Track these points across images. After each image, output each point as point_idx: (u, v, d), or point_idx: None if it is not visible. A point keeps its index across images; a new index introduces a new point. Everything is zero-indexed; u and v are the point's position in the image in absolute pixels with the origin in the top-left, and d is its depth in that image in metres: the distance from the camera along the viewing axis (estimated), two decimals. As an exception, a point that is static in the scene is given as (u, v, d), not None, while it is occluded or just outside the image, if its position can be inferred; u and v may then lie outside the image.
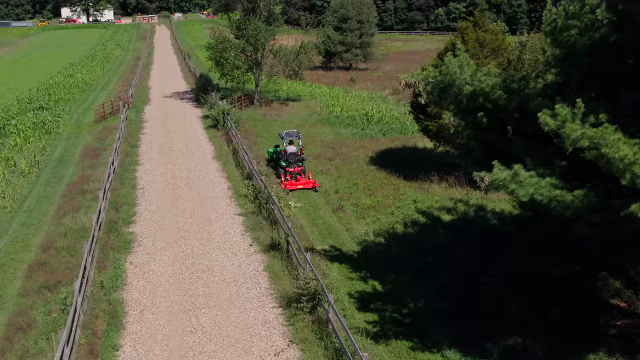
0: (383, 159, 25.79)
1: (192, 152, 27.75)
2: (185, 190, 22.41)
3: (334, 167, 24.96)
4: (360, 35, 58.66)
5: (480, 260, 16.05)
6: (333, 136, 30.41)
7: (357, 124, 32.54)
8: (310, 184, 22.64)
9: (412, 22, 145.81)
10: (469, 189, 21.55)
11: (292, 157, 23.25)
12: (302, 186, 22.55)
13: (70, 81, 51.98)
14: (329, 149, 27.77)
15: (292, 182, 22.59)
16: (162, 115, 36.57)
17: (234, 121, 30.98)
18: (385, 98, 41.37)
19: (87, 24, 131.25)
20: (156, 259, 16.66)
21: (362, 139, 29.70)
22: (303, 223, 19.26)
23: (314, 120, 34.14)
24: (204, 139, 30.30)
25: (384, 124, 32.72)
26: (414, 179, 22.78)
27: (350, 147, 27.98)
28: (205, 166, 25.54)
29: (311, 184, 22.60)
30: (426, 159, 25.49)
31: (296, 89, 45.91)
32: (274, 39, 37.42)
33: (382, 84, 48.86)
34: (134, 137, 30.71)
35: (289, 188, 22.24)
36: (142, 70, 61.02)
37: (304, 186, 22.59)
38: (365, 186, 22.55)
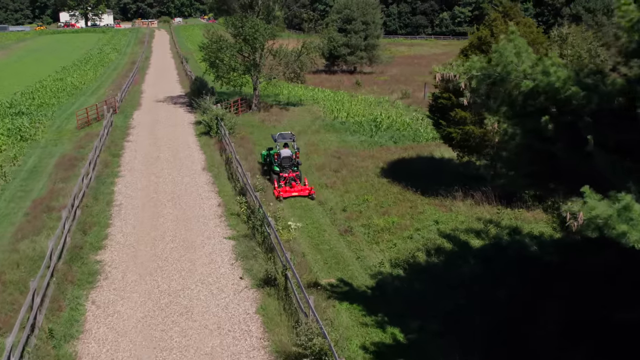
0: (396, 171, 22.70)
1: (181, 162, 24.69)
2: (168, 208, 19.32)
3: (340, 180, 21.87)
4: (366, 37, 55.70)
5: (523, 301, 12.93)
6: (338, 144, 27.33)
7: (365, 131, 29.47)
8: (306, 191, 20.32)
9: (416, 27, 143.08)
10: (499, 206, 18.44)
11: (286, 162, 21.00)
12: (297, 193, 20.30)
13: (58, 85, 49.09)
14: (334, 159, 24.68)
15: (286, 189, 20.34)
16: (151, 121, 33.57)
17: (228, 127, 27.96)
18: (394, 103, 38.30)
19: (86, 28, 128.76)
20: (125, 297, 13.54)
21: (371, 147, 26.61)
22: (305, 249, 16.14)
23: (317, 127, 31.10)
24: (195, 147, 27.25)
25: (395, 130, 29.64)
26: (434, 195, 19.67)
27: (358, 156, 24.89)
28: (194, 178, 22.46)
29: (307, 191, 20.28)
30: (445, 171, 22.38)
31: (297, 93, 42.89)
32: (273, 40, 34.43)
33: (389, 87, 45.82)
34: (117, 145, 27.66)
35: (282, 195, 20.05)
36: (136, 74, 58.22)
37: (299, 193, 20.30)
38: (377, 203, 19.44)
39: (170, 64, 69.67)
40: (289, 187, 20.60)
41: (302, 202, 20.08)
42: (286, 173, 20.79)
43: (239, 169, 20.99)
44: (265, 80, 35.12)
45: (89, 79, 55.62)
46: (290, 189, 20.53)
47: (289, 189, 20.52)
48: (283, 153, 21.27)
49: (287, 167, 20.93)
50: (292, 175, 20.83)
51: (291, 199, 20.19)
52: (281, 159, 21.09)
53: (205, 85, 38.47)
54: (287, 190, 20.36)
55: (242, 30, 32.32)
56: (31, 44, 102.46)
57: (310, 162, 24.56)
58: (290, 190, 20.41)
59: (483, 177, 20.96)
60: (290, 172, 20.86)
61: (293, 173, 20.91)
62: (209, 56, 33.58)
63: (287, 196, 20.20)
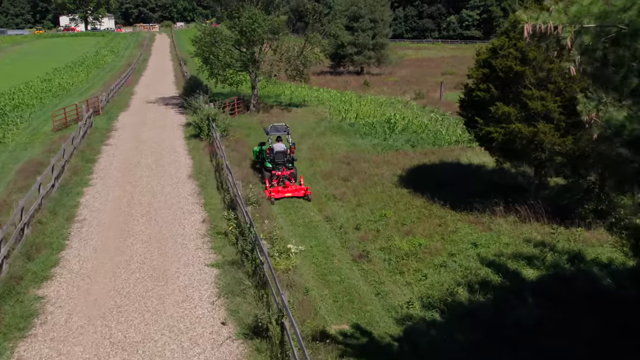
0: (417, 179, 19.06)
1: (163, 169, 21.12)
2: (141, 224, 15.73)
3: (351, 191, 18.23)
4: (374, 35, 52.19)
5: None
6: (347, 148, 23.71)
7: (378, 133, 25.84)
8: (301, 191, 17.98)
9: (422, 31, 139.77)
10: (552, 225, 14.75)
11: (280, 157, 18.75)
12: (290, 194, 17.96)
13: (44, 86, 45.77)
14: (343, 165, 21.07)
15: (278, 189, 18.04)
16: (137, 123, 30.07)
17: (221, 129, 24.43)
18: (407, 103, 34.70)
19: (85, 32, 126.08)
20: (63, 352, 9.92)
21: (385, 151, 22.97)
22: (309, 281, 12.49)
23: (322, 129, 27.51)
24: (182, 151, 23.68)
25: (412, 133, 26.01)
26: (467, 209, 16.03)
27: (371, 162, 21.26)
28: (177, 188, 18.87)
29: (302, 191, 17.95)
30: (477, 179, 18.73)
31: (301, 94, 39.36)
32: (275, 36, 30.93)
33: (400, 88, 42.24)
34: (93, 149, 24.11)
35: (274, 196, 17.73)
36: (130, 76, 55.11)
37: (294, 194, 17.96)
38: (397, 220, 15.79)
39: (168, 66, 66.65)
40: (282, 187, 18.14)
41: (303, 215, 16.45)
42: (279, 170, 18.45)
43: (229, 178, 17.37)
44: (264, 78, 31.57)
45: (79, 81, 52.41)
46: (284, 188, 18.08)
47: (282, 189, 18.06)
48: (276, 148, 18.82)
49: (280, 164, 18.61)
50: (285, 173, 18.40)
51: (285, 202, 16.87)
52: (274, 154, 18.70)
53: (199, 84, 35.03)
54: (280, 191, 17.93)
55: (238, 21, 28.82)
56: (27, 47, 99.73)
57: (315, 169, 20.96)
58: (283, 191, 17.95)
59: (524, 188, 17.35)
60: (284, 169, 18.51)
61: (287, 170, 18.50)
62: (202, 51, 30.08)
63: (279, 197, 17.74)
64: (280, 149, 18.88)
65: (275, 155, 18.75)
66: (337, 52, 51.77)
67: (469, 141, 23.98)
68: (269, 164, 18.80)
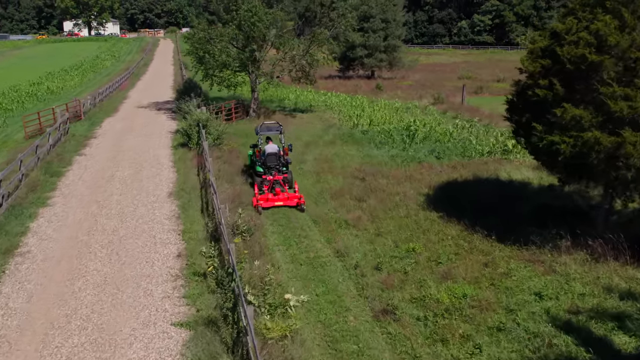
0: (448, 200, 15.40)
1: (141, 184, 17.60)
2: (99, 260, 12.19)
3: (367, 215, 14.60)
4: (385, 37, 48.67)
5: None
6: (361, 160, 20.08)
7: (396, 142, 22.20)
8: (293, 200, 15.55)
9: (433, 36, 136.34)
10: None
11: (272, 160, 16.35)
12: (282, 203, 15.56)
13: (31, 90, 42.62)
14: (356, 182, 17.45)
15: (268, 197, 15.58)
16: (122, 129, 26.66)
17: (213, 137, 20.98)
18: (425, 108, 31.06)
19: (88, 37, 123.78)
20: None
21: (406, 164, 19.33)
22: (315, 356, 8.83)
23: (331, 137, 23.93)
24: (166, 163, 20.17)
25: (434, 142, 22.35)
26: (518, 241, 12.36)
27: (391, 178, 17.61)
28: (152, 209, 15.32)
29: (296, 200, 15.52)
30: (525, 200, 15.03)
31: (307, 98, 35.85)
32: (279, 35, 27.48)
33: (416, 92, 38.64)
34: (63, 159, 20.65)
35: (262, 205, 15.33)
36: (126, 80, 52.20)
37: (285, 203, 15.55)
38: (429, 256, 12.15)
39: (168, 71, 63.68)
40: (273, 195, 15.72)
41: (308, 247, 12.83)
42: (271, 175, 16.08)
43: (215, 200, 13.77)
44: (265, 80, 28.06)
45: (72, 84, 49.34)
46: (274, 196, 15.64)
47: (272, 196, 15.64)
48: (268, 149, 16.49)
49: (273, 168, 16.23)
50: (278, 178, 16.04)
51: (285, 230, 13.45)
52: (265, 156, 16.32)
53: (194, 87, 31.65)
54: (270, 199, 15.54)
55: (236, 14, 25.37)
56: (27, 51, 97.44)
57: (322, 185, 17.36)
58: (273, 199, 15.56)
59: (584, 212, 13.71)
60: (275, 173, 16.15)
61: (280, 175, 16.14)
62: (195, 49, 26.64)
63: (268, 206, 15.41)
64: (272, 150, 16.38)
65: (267, 158, 16.23)
66: (347, 55, 48.26)
67: (504, 152, 20.36)
68: (260, 167, 16.33)
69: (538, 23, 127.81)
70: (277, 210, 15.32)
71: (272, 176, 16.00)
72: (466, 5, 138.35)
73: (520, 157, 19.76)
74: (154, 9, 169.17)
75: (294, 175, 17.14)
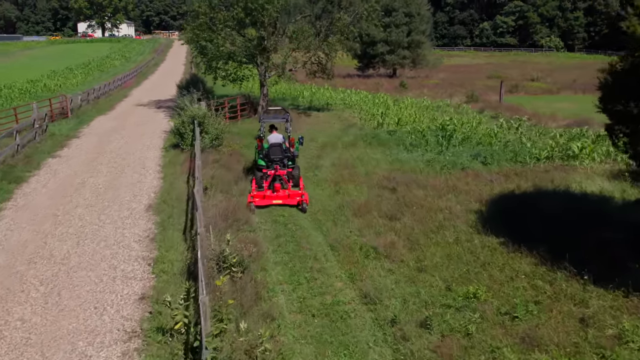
0: (507, 218, 11.63)
1: (116, 194, 14.10)
2: (29, 305, 8.68)
3: (403, 240, 10.87)
4: (409, 32, 44.89)
5: None
6: (389, 166, 16.33)
7: (430, 145, 18.41)
8: (295, 197, 13.21)
9: (453, 38, 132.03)
10: None
11: (276, 152, 13.99)
12: (281, 201, 13.28)
13: (26, 87, 39.70)
14: (385, 193, 13.72)
15: (265, 194, 13.32)
16: (112, 128, 23.31)
17: (211, 137, 17.48)
18: (458, 107, 27.22)
19: (101, 38, 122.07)
20: None
21: (446, 171, 15.54)
22: None
23: (351, 138, 20.23)
24: (153, 167, 16.67)
25: (476, 144, 18.56)
26: (624, 284, 8.55)
27: (429, 188, 13.85)
28: (122, 229, 11.79)
29: (297, 198, 13.18)
30: (611, 220, 11.18)
31: (323, 95, 32.25)
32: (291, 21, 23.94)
33: (445, 90, 34.79)
34: (31, 162, 17.24)
35: (255, 203, 13.11)
36: (131, 79, 49.47)
37: (285, 201, 13.27)
38: (499, 307, 8.38)
39: (179, 71, 60.69)
40: (271, 191, 13.35)
41: (322, 286, 9.15)
42: (273, 169, 13.57)
43: (199, 218, 10.12)
44: (276, 74, 24.47)
45: (74, 83, 46.49)
46: (273, 194, 13.29)
47: (271, 193, 13.29)
48: (271, 139, 14.19)
49: (277, 161, 13.75)
50: (280, 174, 13.58)
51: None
52: (269, 148, 14.01)
53: (198, 82, 28.28)
54: (268, 197, 13.25)
55: (242, -4, 21.87)
56: (38, 52, 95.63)
57: (341, 198, 13.65)
58: (271, 197, 13.27)
59: None
60: (277, 167, 13.61)
61: (283, 170, 13.70)
62: (195, 36, 23.19)
63: (263, 204, 13.14)
64: (275, 141, 14.01)
65: (271, 149, 13.89)
66: (367, 52, 44.56)
67: (566, 157, 16.49)
68: (262, 161, 13.88)
69: (564, 25, 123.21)
70: (282, 230, 11.71)
71: (274, 170, 13.45)
72: (488, 6, 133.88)
73: (587, 163, 15.91)
74: (169, 11, 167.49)
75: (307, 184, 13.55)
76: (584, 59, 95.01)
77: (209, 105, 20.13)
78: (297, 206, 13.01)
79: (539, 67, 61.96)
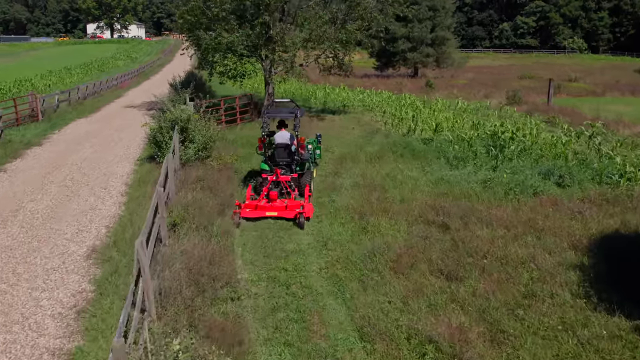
0: (630, 276, 7.39)
1: (53, 229, 10.05)
2: None
3: (475, 321, 6.67)
4: (433, 27, 40.62)
5: None
6: (431, 188, 12.04)
7: (479, 158, 14.11)
8: (293, 210, 10.22)
9: (472, 39, 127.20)
10: None
11: (281, 155, 11.49)
12: (276, 213, 10.34)
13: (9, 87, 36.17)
14: (432, 231, 9.47)
15: (257, 204, 10.47)
16: (86, 134, 19.44)
17: (197, 146, 13.48)
18: (500, 110, 22.92)
19: (110, 39, 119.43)
20: None
21: (512, 196, 11.22)
22: None
23: (376, 148, 16.00)
24: (118, 188, 12.65)
25: (539, 156, 14.25)
26: None
27: (494, 225, 9.61)
28: (40, 291, 7.74)
29: (295, 210, 10.17)
30: None
31: (339, 96, 28.14)
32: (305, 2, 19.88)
33: (476, 91, 30.46)
34: (-37, 179, 13.33)
35: (244, 214, 10.29)
36: (129, 78, 45.99)
37: (281, 214, 10.31)
38: None
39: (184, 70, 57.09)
40: (267, 201, 10.73)
41: None
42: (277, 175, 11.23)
43: (140, 293, 6.02)
44: (284, 69, 20.36)
45: (68, 83, 42.79)
46: (267, 204, 10.60)
47: (265, 203, 10.62)
48: (277, 139, 11.77)
49: (282, 165, 11.52)
50: (284, 179, 11.20)
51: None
52: (275, 147, 11.64)
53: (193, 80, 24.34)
54: (260, 207, 10.52)
55: (242, -27, 17.85)
56: (43, 52, 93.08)
57: (370, 239, 9.39)
58: (264, 208, 10.54)
59: None
60: (278, 171, 11.25)
61: (287, 175, 11.31)
62: (186, 22, 19.23)
63: (253, 216, 10.41)
64: (282, 141, 11.67)
65: (276, 149, 11.63)
66: (386, 49, 40.37)
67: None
68: (265, 164, 11.71)
69: (587, 25, 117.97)
70: (282, 297, 7.58)
71: (274, 176, 11.15)
72: (508, 7, 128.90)
73: None
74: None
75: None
76: (610, 60, 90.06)
77: (198, 107, 16.14)
78: (294, 220, 10.20)
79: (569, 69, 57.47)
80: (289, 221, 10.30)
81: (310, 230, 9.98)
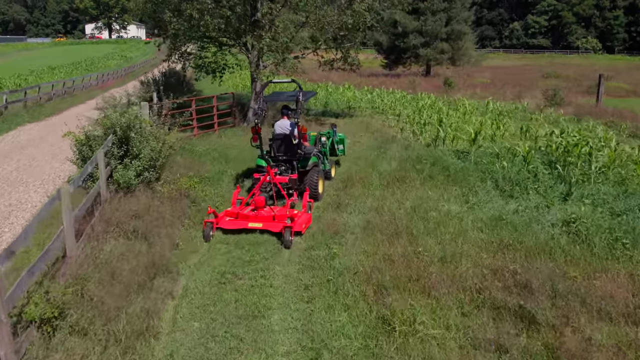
0: None
1: None
2: None
3: None
4: (448, 20, 36.41)
5: None
6: (486, 235, 7.86)
7: (541, 181, 9.92)
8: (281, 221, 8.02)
9: (481, 39, 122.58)
10: None
11: (280, 148, 9.66)
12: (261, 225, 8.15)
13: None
14: (507, 327, 5.36)
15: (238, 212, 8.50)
16: (25, 144, 15.54)
17: (143, 164, 9.36)
18: (540, 112, 18.72)
19: (109, 39, 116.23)
20: None
21: (619, 254, 7.08)
22: None
23: (394, 165, 11.77)
24: (16, 229, 8.57)
25: (621, 179, 10.09)
26: None
27: (613, 316, 5.48)
28: None
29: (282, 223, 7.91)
30: None
31: (343, 96, 24.00)
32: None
33: (503, 91, 26.26)
34: None
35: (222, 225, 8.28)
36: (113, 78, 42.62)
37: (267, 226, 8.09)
38: None
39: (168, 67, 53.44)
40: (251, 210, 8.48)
41: None
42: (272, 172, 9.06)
43: None
44: (274, 61, 16.19)
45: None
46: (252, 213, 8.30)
47: (250, 213, 8.34)
48: (277, 128, 9.77)
49: (281, 160, 9.50)
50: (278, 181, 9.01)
51: None
52: (274, 140, 9.73)
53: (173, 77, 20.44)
54: (241, 217, 8.31)
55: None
56: (37, 52, 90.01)
57: (402, 352, 5.27)
58: (246, 218, 8.28)
59: None
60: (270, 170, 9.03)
61: (284, 176, 9.17)
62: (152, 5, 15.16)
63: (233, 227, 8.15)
64: (281, 131, 9.47)
65: (275, 141, 9.49)
66: (395, 45, 36.19)
67: None
68: (261, 160, 9.36)
69: (601, 24, 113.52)
70: None
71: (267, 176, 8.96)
72: (518, 5, 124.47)
73: None
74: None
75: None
76: (628, 60, 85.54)
77: (158, 108, 12.09)
78: (280, 234, 7.85)
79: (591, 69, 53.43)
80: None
81: (293, 320, 5.83)
